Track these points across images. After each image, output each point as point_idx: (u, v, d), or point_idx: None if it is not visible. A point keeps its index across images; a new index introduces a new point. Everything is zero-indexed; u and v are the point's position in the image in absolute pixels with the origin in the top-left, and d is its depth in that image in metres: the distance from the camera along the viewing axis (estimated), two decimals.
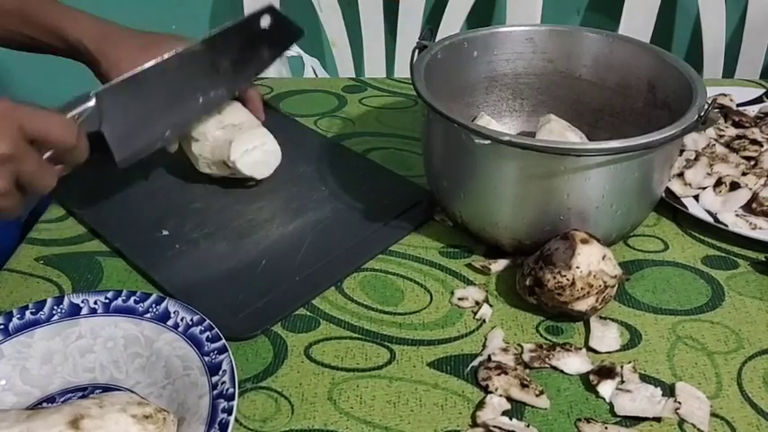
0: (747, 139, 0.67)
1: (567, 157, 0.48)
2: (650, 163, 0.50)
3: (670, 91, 0.57)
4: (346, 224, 0.58)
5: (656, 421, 0.42)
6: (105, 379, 0.45)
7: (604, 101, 0.63)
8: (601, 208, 0.50)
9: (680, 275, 0.54)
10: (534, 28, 0.64)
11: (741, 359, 0.47)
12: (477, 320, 0.50)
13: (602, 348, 0.47)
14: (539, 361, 0.46)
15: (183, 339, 0.44)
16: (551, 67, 0.64)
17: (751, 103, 0.76)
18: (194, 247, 0.56)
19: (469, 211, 0.54)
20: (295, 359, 0.47)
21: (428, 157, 0.58)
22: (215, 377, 0.41)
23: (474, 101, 0.65)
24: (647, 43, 0.62)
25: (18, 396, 0.43)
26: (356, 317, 0.50)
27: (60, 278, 0.53)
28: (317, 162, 0.67)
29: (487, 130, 0.49)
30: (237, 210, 0.60)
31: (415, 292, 0.52)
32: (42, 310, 0.46)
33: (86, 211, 0.60)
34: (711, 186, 0.61)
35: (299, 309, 0.51)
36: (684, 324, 0.50)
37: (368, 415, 0.43)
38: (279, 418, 0.43)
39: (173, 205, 0.60)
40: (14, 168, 0.43)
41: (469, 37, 0.62)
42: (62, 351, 0.45)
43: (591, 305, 0.48)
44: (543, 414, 0.43)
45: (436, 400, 0.44)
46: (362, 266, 0.55)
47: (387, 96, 0.80)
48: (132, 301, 0.47)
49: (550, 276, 0.47)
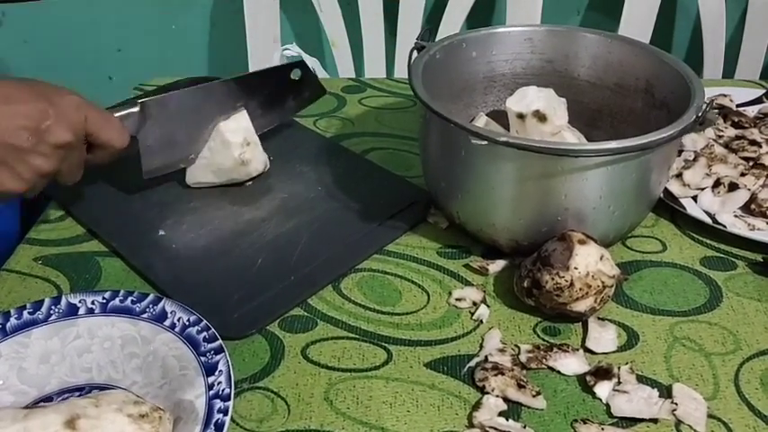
0: (746, 139, 0.67)
1: (565, 158, 0.48)
2: (648, 164, 0.50)
3: (668, 91, 0.57)
4: (342, 224, 0.58)
5: (652, 422, 0.42)
6: (102, 379, 0.45)
7: (603, 101, 0.63)
8: (598, 209, 0.50)
9: (678, 276, 0.54)
10: (533, 28, 0.64)
11: (738, 360, 0.47)
12: (475, 321, 0.50)
13: (599, 349, 0.47)
14: (536, 362, 0.46)
15: (179, 339, 0.44)
16: (550, 67, 0.64)
17: (751, 103, 0.76)
18: (191, 246, 0.56)
19: (467, 211, 0.54)
20: (292, 359, 0.47)
21: (426, 158, 0.58)
22: (211, 377, 0.41)
23: (472, 101, 0.65)
24: (646, 44, 0.61)
25: (15, 396, 0.43)
26: (353, 317, 0.50)
27: (59, 278, 0.54)
28: (314, 162, 0.67)
29: (484, 130, 0.49)
30: (234, 210, 0.60)
31: (413, 293, 0.52)
32: (40, 309, 0.46)
33: (84, 212, 0.60)
34: (710, 187, 0.61)
35: (297, 309, 0.51)
36: (682, 325, 0.50)
37: (364, 415, 0.43)
38: (275, 419, 0.43)
39: (170, 205, 0.60)
40: (65, 156, 0.46)
41: (468, 37, 0.62)
42: (59, 351, 0.45)
43: (589, 306, 0.48)
44: (540, 415, 0.43)
45: (433, 400, 0.44)
46: (360, 267, 0.55)
47: (386, 97, 0.80)
48: (129, 302, 0.47)
49: (548, 278, 0.47)
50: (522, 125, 0.56)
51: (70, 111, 0.46)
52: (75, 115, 0.46)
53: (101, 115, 0.48)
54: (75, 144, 0.46)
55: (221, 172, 0.61)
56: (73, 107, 0.46)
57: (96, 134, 0.48)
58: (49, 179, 0.46)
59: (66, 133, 0.45)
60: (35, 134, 0.44)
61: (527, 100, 0.56)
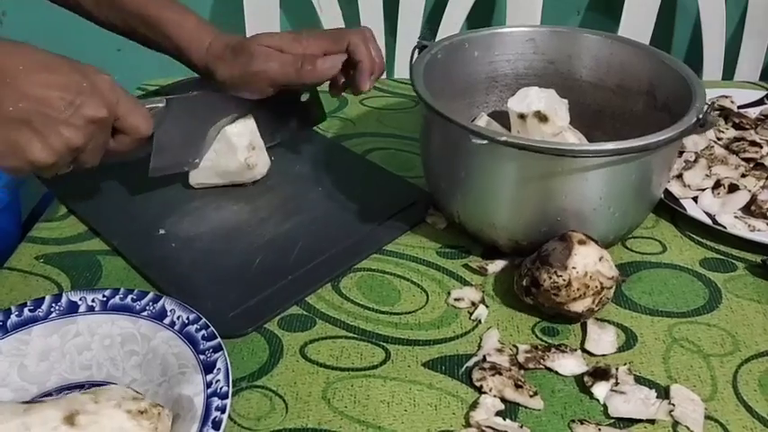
0: (747, 141, 0.67)
1: (565, 159, 0.48)
2: (648, 165, 0.50)
3: (670, 93, 0.57)
4: (341, 223, 0.58)
5: (649, 423, 0.42)
6: (102, 376, 0.45)
7: (604, 102, 0.63)
8: (598, 210, 0.50)
9: (677, 277, 0.54)
10: (535, 29, 0.64)
11: (737, 362, 0.47)
12: (473, 321, 0.50)
13: (598, 351, 0.47)
14: (533, 362, 0.46)
15: (178, 337, 0.45)
16: (552, 68, 0.64)
17: (752, 105, 0.76)
18: (191, 245, 0.56)
19: (467, 211, 0.54)
20: (290, 358, 0.47)
21: (426, 158, 0.58)
22: (210, 375, 0.42)
23: (474, 101, 0.65)
24: (647, 45, 0.61)
25: (15, 392, 0.43)
26: (352, 316, 0.50)
27: (60, 276, 0.54)
28: (314, 162, 0.67)
29: (485, 129, 0.49)
30: (234, 209, 0.60)
31: (412, 292, 0.53)
32: (40, 307, 0.47)
33: (85, 210, 0.60)
34: (710, 188, 0.61)
35: (296, 308, 0.51)
36: (681, 326, 0.50)
37: (361, 414, 0.43)
38: (273, 417, 0.43)
39: (171, 205, 0.60)
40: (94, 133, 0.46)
41: (470, 37, 0.62)
42: (59, 348, 0.45)
43: (587, 306, 0.48)
44: (537, 415, 0.43)
45: (430, 400, 0.44)
46: (359, 266, 0.55)
47: (387, 97, 0.80)
48: (129, 300, 0.47)
49: (547, 276, 0.47)
50: (524, 125, 0.56)
51: (105, 88, 0.46)
52: (109, 94, 0.46)
53: (131, 100, 0.49)
54: (106, 122, 0.46)
55: (226, 174, 0.62)
56: (107, 86, 0.46)
57: (125, 117, 0.48)
58: (74, 156, 0.46)
59: (101, 109, 0.45)
60: (71, 105, 0.44)
61: (528, 100, 0.56)
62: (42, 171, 0.45)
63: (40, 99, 0.43)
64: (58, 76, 0.44)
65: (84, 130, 0.45)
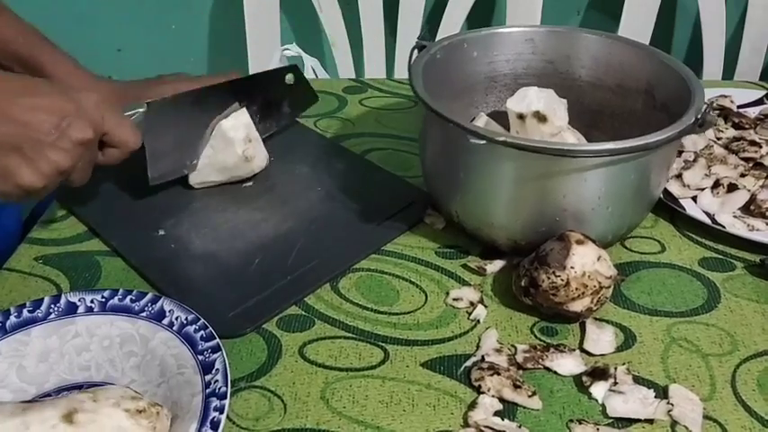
0: (746, 140, 0.67)
1: (563, 158, 0.48)
2: (647, 165, 0.50)
3: (668, 93, 0.57)
4: (340, 224, 0.58)
5: (648, 423, 0.42)
6: (101, 377, 0.45)
7: (603, 102, 0.63)
8: (597, 209, 0.50)
9: (676, 277, 0.54)
10: (534, 29, 0.64)
11: (735, 362, 0.47)
12: (472, 321, 0.50)
13: (597, 351, 0.47)
14: (532, 362, 0.46)
15: (177, 338, 0.45)
16: (551, 68, 0.64)
17: (752, 104, 0.76)
18: (190, 246, 0.56)
19: (466, 211, 0.54)
20: (289, 358, 0.47)
21: (425, 157, 0.58)
22: (208, 376, 0.42)
23: (473, 101, 0.65)
24: (646, 45, 0.61)
25: (14, 393, 0.43)
26: (351, 317, 0.50)
27: (59, 277, 0.54)
28: (314, 162, 0.67)
29: (483, 129, 0.49)
30: (233, 210, 0.60)
31: (411, 293, 0.53)
32: (39, 308, 0.47)
33: (85, 211, 0.60)
34: (709, 188, 0.61)
35: (294, 308, 0.51)
36: (679, 326, 0.50)
37: (360, 414, 0.43)
38: (271, 417, 0.43)
39: (170, 206, 0.60)
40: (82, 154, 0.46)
41: (469, 37, 0.62)
42: (58, 349, 0.45)
43: (586, 306, 0.48)
44: (535, 415, 0.43)
45: (429, 400, 0.44)
46: (358, 266, 0.55)
47: (387, 97, 0.80)
48: (128, 300, 0.47)
49: (545, 276, 0.47)
50: (523, 125, 0.56)
51: (90, 108, 0.46)
52: (94, 112, 0.46)
53: (117, 115, 0.49)
54: (93, 142, 0.46)
55: (225, 170, 0.62)
56: (92, 104, 0.46)
57: (112, 133, 0.48)
58: (63, 178, 0.46)
59: (88, 130, 0.45)
60: (57, 128, 0.44)
61: (527, 100, 0.56)
62: (32, 195, 0.45)
63: (27, 123, 0.43)
64: (43, 98, 0.44)
65: (72, 152, 0.45)
